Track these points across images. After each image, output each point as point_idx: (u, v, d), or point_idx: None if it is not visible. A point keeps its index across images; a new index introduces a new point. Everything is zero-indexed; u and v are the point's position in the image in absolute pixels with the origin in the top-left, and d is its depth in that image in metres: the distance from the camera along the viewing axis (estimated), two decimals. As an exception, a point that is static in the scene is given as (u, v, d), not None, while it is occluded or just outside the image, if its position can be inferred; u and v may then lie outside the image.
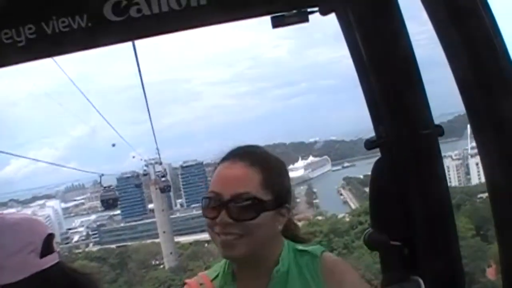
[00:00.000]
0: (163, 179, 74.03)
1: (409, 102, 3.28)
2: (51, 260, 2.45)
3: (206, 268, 2.93)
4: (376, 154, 3.55)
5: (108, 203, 69.79)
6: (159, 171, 75.45)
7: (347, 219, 60.88)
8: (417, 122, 3.29)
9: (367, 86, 3.43)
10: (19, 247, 2.36)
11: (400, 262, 3.46)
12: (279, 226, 2.57)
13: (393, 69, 3.24)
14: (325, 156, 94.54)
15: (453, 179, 69.17)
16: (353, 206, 74.23)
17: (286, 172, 2.75)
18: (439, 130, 3.33)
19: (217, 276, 2.71)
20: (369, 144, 3.47)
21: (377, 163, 3.50)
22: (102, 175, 68.07)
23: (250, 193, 2.46)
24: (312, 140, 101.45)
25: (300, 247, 2.67)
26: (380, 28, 3.19)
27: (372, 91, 3.39)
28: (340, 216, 64.15)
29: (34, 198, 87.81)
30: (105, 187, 69.45)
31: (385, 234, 3.44)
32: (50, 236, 2.51)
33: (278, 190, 2.55)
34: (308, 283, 2.58)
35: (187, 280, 2.75)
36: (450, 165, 68.95)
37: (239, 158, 2.56)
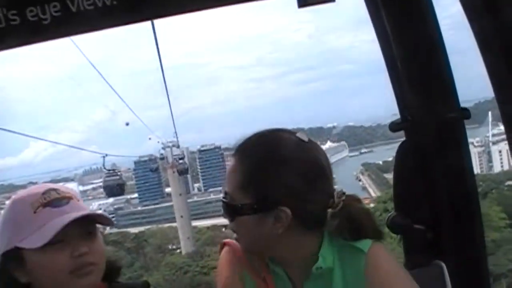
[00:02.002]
0: (180, 161, 71.96)
1: (435, 85, 3.26)
2: None
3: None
4: (394, 140, 3.53)
5: (112, 190, 63.64)
6: (176, 154, 72.77)
7: (372, 205, 57.59)
8: (443, 105, 3.26)
9: (393, 68, 3.38)
10: None
11: (423, 246, 3.44)
12: (279, 230, 2.27)
13: (420, 51, 3.21)
14: (343, 142, 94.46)
15: (475, 166, 69.01)
16: (372, 192, 73.92)
17: (285, 164, 2.29)
18: (465, 113, 3.30)
19: None
20: (394, 127, 3.43)
21: (401, 146, 3.47)
22: (106, 155, 57.97)
23: (228, 194, 2.35)
24: (330, 125, 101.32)
25: (347, 240, 2.36)
26: (408, 10, 3.15)
27: (398, 73, 3.34)
28: (365, 203, 61.45)
29: (53, 181, 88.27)
30: (108, 171, 62.29)
31: (409, 218, 3.42)
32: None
33: (265, 191, 2.26)
34: (347, 279, 2.35)
35: (227, 240, 2.57)
36: (472, 152, 68.41)
37: (235, 153, 2.41)
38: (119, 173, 63.34)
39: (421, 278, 3.27)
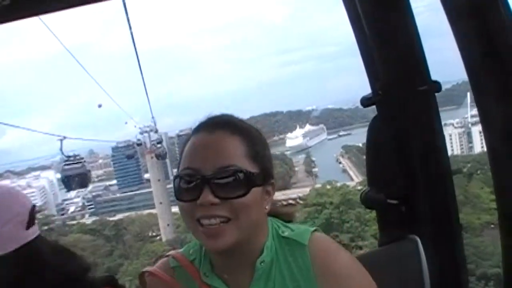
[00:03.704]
0: (158, 145, 69.91)
1: (406, 59, 3.26)
2: (34, 231, 2.46)
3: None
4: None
5: (71, 182, 50.71)
6: (154, 140, 70.65)
7: (359, 188, 55.16)
8: (414, 79, 3.27)
9: (364, 44, 3.40)
10: (9, 217, 2.36)
11: (398, 221, 3.46)
12: (266, 207, 2.23)
13: (390, 26, 3.21)
14: (321, 125, 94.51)
15: (456, 147, 69.22)
16: (352, 174, 73.95)
17: (267, 143, 2.34)
18: (436, 86, 3.30)
19: (194, 259, 2.37)
20: (365, 101, 3.44)
21: (373, 121, 3.48)
22: (64, 138, 46.81)
23: (236, 165, 2.11)
24: (309, 108, 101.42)
25: (285, 232, 2.29)
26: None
27: (369, 47, 3.36)
28: (351, 186, 60.45)
29: (30, 169, 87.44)
30: (68, 157, 50.00)
31: (382, 193, 3.44)
32: (34, 207, 2.51)
33: (264, 163, 2.22)
34: (295, 276, 2.23)
35: (149, 268, 2.43)
36: (453, 133, 68.77)
37: (218, 127, 2.20)
38: (81, 161, 52.01)
39: (396, 253, 3.32)
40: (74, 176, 50.00)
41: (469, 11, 2.55)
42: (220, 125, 2.22)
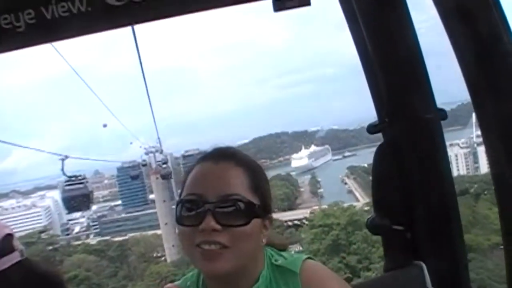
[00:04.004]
0: (164, 165, 67.91)
1: (412, 87, 3.30)
2: (9, 260, 2.41)
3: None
4: (378, 143, 3.53)
5: (72, 203, 47.97)
6: (160, 160, 69.34)
7: (366, 209, 55.19)
8: (419, 107, 3.29)
9: (370, 71, 3.44)
10: None
11: (403, 247, 3.46)
12: (263, 240, 2.25)
13: (396, 54, 3.24)
14: (326, 146, 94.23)
15: (461, 167, 68.80)
16: (358, 195, 73.38)
17: (267, 178, 2.39)
18: (442, 114, 3.33)
19: None
20: (372, 129, 3.47)
21: (379, 148, 3.50)
22: (66, 157, 43.54)
23: (240, 194, 2.15)
24: (314, 129, 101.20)
25: (278, 261, 2.32)
26: (384, 14, 3.20)
27: (375, 76, 3.38)
28: (358, 207, 59.67)
29: (36, 189, 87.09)
30: (69, 177, 46.96)
31: (388, 219, 3.46)
32: (9, 237, 2.48)
33: (265, 196, 2.27)
34: None
35: (169, 285, 2.44)
36: (458, 153, 68.41)
37: (223, 158, 2.26)
38: (83, 181, 49.10)
39: (401, 279, 3.32)
40: (76, 197, 47.60)
41: (462, 13, 2.57)
42: (224, 156, 2.27)
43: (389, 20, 3.19)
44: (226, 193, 2.15)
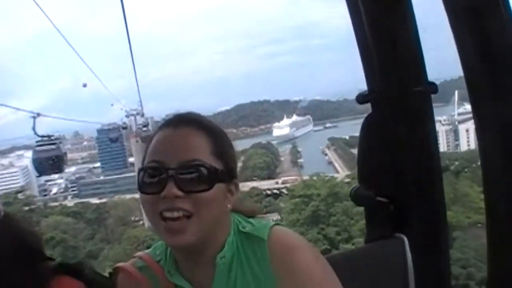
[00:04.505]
0: (144, 129, 67.01)
1: (404, 59, 3.28)
2: None
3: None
4: (361, 116, 3.53)
5: (43, 165, 45.16)
6: (140, 123, 68.87)
7: (347, 181, 53.84)
8: (410, 79, 3.29)
9: (362, 41, 3.41)
10: None
11: (386, 219, 3.47)
12: (228, 205, 2.26)
13: (390, 25, 3.22)
14: (308, 116, 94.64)
15: (442, 144, 69.57)
16: (337, 167, 73.92)
17: (232, 143, 2.38)
18: (432, 88, 3.31)
19: (160, 260, 2.39)
20: (361, 99, 3.46)
21: (367, 118, 3.49)
22: (38, 114, 41.09)
23: (201, 160, 2.15)
24: (296, 98, 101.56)
25: (246, 228, 2.32)
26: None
27: (367, 45, 3.36)
28: (339, 178, 59.11)
29: (14, 148, 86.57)
30: (41, 137, 44.47)
31: (372, 190, 3.45)
32: None
33: (229, 161, 2.27)
34: (255, 271, 2.24)
35: (120, 264, 2.43)
36: (440, 130, 68.98)
37: (183, 124, 2.26)
38: (56, 141, 46.15)
39: (382, 251, 3.34)
40: (48, 159, 45.06)
41: (469, 11, 2.54)
42: (185, 121, 2.27)
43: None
44: (187, 159, 2.15)
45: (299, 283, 2.18)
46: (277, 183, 64.84)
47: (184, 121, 2.27)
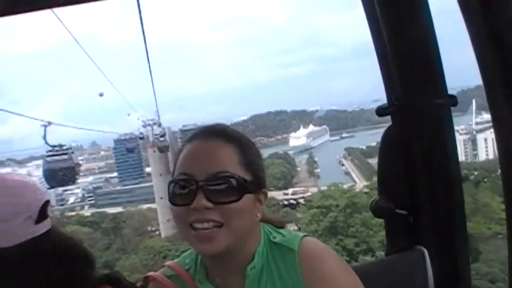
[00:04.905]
0: (161, 138, 68.72)
1: (424, 71, 3.27)
2: (44, 226, 2.44)
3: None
4: (377, 126, 3.53)
5: (55, 177, 42.84)
6: (157, 133, 69.37)
7: (366, 191, 53.56)
8: (430, 91, 3.28)
9: (382, 53, 3.40)
10: (19, 210, 2.34)
11: (405, 231, 3.47)
12: (258, 214, 2.27)
13: (410, 37, 3.21)
14: (324, 126, 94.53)
15: (460, 153, 69.03)
16: (355, 177, 73.54)
17: (260, 153, 2.41)
18: (452, 100, 3.32)
19: (189, 269, 2.42)
20: (381, 111, 3.45)
21: (387, 131, 3.49)
22: (49, 123, 39.60)
23: (229, 171, 2.17)
24: (313, 108, 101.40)
25: (276, 238, 2.33)
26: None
27: (387, 57, 3.35)
28: (357, 189, 58.30)
29: (31, 158, 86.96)
30: (53, 147, 42.96)
31: (391, 202, 3.45)
32: (47, 203, 2.50)
33: (257, 171, 2.28)
34: (285, 281, 2.26)
35: (151, 274, 2.47)
36: (458, 139, 68.36)
37: (211, 136, 2.27)
38: (68, 151, 44.55)
39: (402, 263, 3.33)
40: (59, 170, 43.54)
41: (484, 11, 2.54)
42: (214, 134, 2.29)
43: (405, 2, 3.16)
44: (216, 170, 2.17)
45: None
46: (285, 194, 64.73)
47: (212, 133, 2.29)
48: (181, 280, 2.39)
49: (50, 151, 44.38)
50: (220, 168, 2.17)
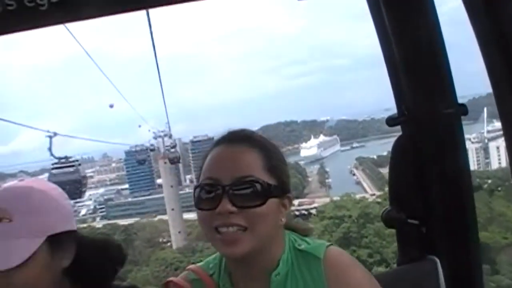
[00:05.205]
0: (172, 150, 68.18)
1: (433, 80, 3.26)
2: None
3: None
4: (388, 135, 3.53)
5: (70, 186, 39.94)
6: (168, 145, 68.92)
7: (378, 201, 53.68)
8: (440, 101, 3.27)
9: (391, 63, 3.40)
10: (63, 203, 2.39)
11: (417, 241, 3.45)
12: (282, 219, 2.29)
13: (419, 46, 3.20)
14: (335, 136, 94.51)
15: (472, 162, 68.42)
16: (366, 187, 73.37)
17: (284, 158, 2.43)
18: (463, 109, 3.31)
19: (213, 274, 2.42)
20: (391, 121, 3.44)
21: (398, 141, 3.48)
22: (55, 134, 38.58)
23: (254, 176, 2.19)
24: (323, 118, 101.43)
25: (302, 246, 2.34)
26: (408, 4, 3.15)
27: (396, 68, 3.35)
28: (370, 199, 58.93)
29: (43, 170, 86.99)
30: (59, 159, 42.03)
31: (403, 212, 3.44)
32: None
33: (282, 175, 2.30)
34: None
35: (172, 279, 2.47)
36: (470, 148, 67.89)
37: (236, 141, 2.30)
38: (74, 164, 43.43)
39: (415, 273, 3.31)
40: (65, 183, 39.65)
41: (489, 10, 2.54)
42: (239, 139, 2.32)
43: (413, 12, 3.15)
44: (241, 175, 2.19)
45: None
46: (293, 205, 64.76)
47: (237, 138, 2.32)
48: (203, 285, 2.41)
49: (56, 163, 43.55)
50: (245, 172, 2.19)
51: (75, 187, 42.48)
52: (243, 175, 2.19)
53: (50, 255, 2.25)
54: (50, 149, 40.80)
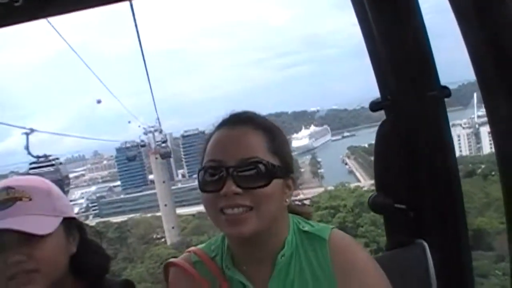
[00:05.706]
0: (163, 145, 68.61)
1: (415, 64, 3.26)
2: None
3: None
4: (378, 123, 3.52)
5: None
6: (159, 140, 69.48)
7: (373, 189, 53.39)
8: (423, 84, 3.26)
9: (373, 48, 3.40)
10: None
11: (405, 226, 3.47)
12: (287, 199, 2.32)
13: (400, 30, 3.20)
14: (325, 126, 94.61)
15: (464, 148, 68.66)
16: (359, 175, 73.51)
17: (287, 140, 2.46)
18: (446, 92, 3.30)
19: (215, 256, 2.44)
20: (374, 106, 3.45)
21: (382, 125, 3.49)
22: (32, 130, 36.83)
23: (258, 157, 2.21)
24: (314, 109, 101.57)
25: (306, 227, 2.38)
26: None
27: (378, 52, 3.35)
28: (365, 188, 57.78)
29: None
30: (37, 158, 40.26)
31: (390, 197, 3.45)
32: None
33: (285, 157, 2.32)
34: (314, 269, 2.30)
35: (172, 260, 2.52)
36: (461, 133, 68.13)
37: (239, 123, 2.31)
38: (55, 162, 41.68)
39: (403, 257, 3.31)
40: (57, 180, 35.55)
41: (476, 6, 2.52)
42: (242, 120, 2.34)
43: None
44: (245, 156, 2.21)
45: (360, 282, 2.26)
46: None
47: (240, 120, 2.34)
48: (206, 267, 2.42)
49: (35, 162, 41.48)
50: (249, 154, 2.21)
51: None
52: (247, 156, 2.21)
53: (65, 238, 2.32)
54: (27, 147, 39.00)
